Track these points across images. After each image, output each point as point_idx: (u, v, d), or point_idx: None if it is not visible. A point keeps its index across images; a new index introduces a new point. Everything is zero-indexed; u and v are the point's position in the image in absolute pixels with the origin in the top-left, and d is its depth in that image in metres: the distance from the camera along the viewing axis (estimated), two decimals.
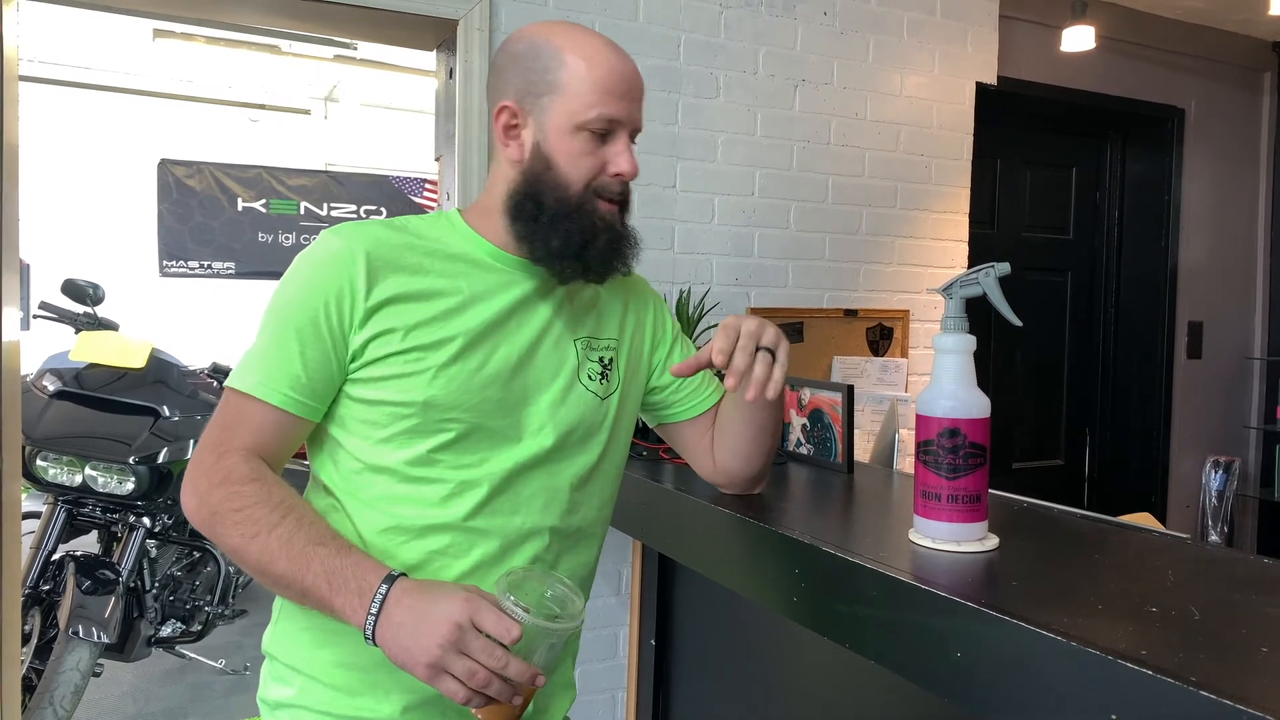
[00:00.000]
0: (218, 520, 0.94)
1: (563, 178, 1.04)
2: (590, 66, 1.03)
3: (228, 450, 0.97)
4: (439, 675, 0.85)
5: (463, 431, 1.01)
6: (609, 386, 1.14)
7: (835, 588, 1.12)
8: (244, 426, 0.99)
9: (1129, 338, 3.69)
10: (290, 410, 0.99)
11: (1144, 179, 3.64)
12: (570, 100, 1.03)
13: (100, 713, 3.04)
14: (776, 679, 1.73)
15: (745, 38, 2.56)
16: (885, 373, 2.77)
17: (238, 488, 0.94)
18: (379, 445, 1.01)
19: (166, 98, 6.48)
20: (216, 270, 6.17)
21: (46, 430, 2.84)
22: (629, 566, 2.38)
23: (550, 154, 1.04)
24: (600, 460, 1.14)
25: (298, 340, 0.99)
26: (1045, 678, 0.84)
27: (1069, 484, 3.68)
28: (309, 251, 1.02)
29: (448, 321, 1.02)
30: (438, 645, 0.84)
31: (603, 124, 1.04)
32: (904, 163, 2.82)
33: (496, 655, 0.85)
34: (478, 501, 1.02)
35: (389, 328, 1.00)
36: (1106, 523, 1.30)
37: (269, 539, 0.91)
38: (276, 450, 1.00)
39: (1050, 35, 3.13)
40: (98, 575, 2.74)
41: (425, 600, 0.87)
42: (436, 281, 1.03)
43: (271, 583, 0.94)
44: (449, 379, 1.00)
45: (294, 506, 0.94)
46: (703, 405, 1.28)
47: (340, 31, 2.46)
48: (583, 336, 1.13)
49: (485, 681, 0.85)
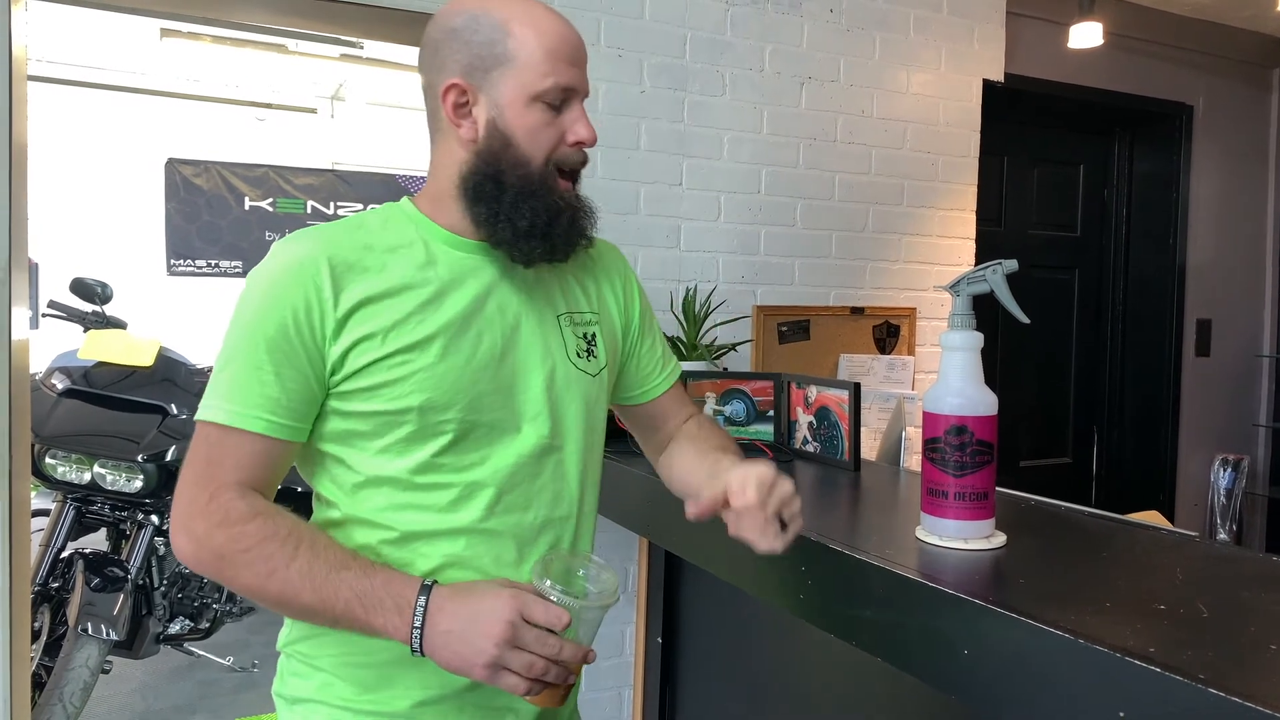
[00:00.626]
0: (225, 564, 0.91)
1: (523, 154, 0.99)
2: (539, 35, 0.99)
3: (219, 487, 0.92)
4: (498, 673, 0.87)
5: (461, 431, 0.99)
6: (597, 363, 1.11)
7: (842, 585, 1.12)
8: (229, 460, 0.93)
9: (1137, 335, 3.68)
10: (274, 435, 0.94)
11: (1152, 176, 3.63)
12: (523, 71, 0.98)
13: (110, 709, 3.06)
14: (783, 676, 1.73)
15: (752, 35, 2.56)
16: (892, 370, 2.76)
17: (240, 528, 0.90)
18: (377, 456, 0.98)
19: (174, 97, 6.50)
20: (224, 269, 6.19)
21: (55, 428, 2.86)
22: (635, 564, 2.38)
23: (508, 129, 0.99)
24: (599, 441, 1.13)
25: (271, 362, 0.93)
26: (1053, 675, 0.83)
27: (1076, 482, 3.67)
28: (265, 265, 0.96)
29: (424, 317, 0.97)
30: (494, 645, 0.86)
31: (558, 93, 0.99)
32: (911, 160, 2.81)
33: (551, 643, 0.87)
34: (488, 502, 1.00)
35: (366, 334, 0.95)
36: (1114, 520, 1.30)
37: (288, 574, 0.89)
38: (266, 478, 0.96)
39: (1058, 32, 3.12)
40: (107, 573, 2.75)
41: (469, 603, 0.88)
42: (403, 276, 0.98)
43: (296, 614, 0.93)
44: (440, 378, 0.97)
45: (304, 536, 0.92)
46: (661, 387, 1.24)
47: (346, 30, 2.46)
48: (563, 313, 1.09)
49: (544, 670, 0.87)
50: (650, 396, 1.23)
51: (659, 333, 1.26)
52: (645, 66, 2.43)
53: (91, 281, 3.29)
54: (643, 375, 1.22)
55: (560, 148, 1.01)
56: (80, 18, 5.23)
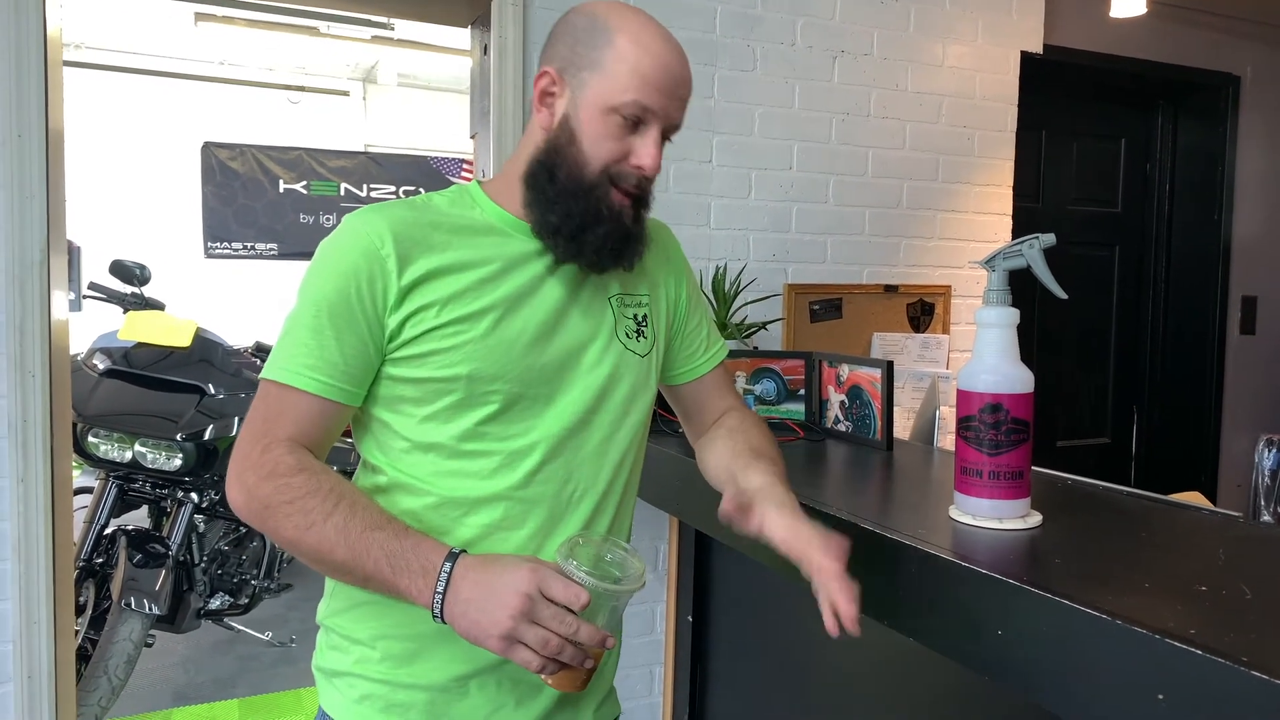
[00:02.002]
0: (270, 514, 0.94)
1: (582, 155, 1.02)
2: (637, 52, 1.01)
3: (272, 442, 0.96)
4: (512, 646, 0.87)
5: (506, 401, 1.01)
6: (647, 343, 1.14)
7: (873, 564, 1.11)
8: (286, 417, 0.98)
9: (1179, 313, 3.59)
10: (331, 397, 0.98)
11: (1197, 149, 3.53)
12: (608, 80, 1.01)
13: (153, 682, 3.13)
14: (813, 655, 1.72)
15: (783, 9, 2.52)
16: (926, 349, 2.72)
17: (287, 479, 0.94)
18: (424, 422, 1.01)
19: (208, 81, 6.57)
20: (259, 251, 6.27)
21: (97, 408, 2.91)
22: (666, 543, 2.38)
23: (576, 129, 1.02)
24: (645, 420, 1.14)
25: (333, 326, 0.98)
26: (1090, 657, 0.82)
27: (1116, 462, 3.61)
28: (334, 237, 1.01)
29: (482, 292, 1.01)
30: (509, 617, 0.86)
31: (635, 110, 1.01)
32: (946, 135, 2.76)
33: (567, 621, 0.86)
34: (529, 470, 1.03)
35: (424, 304, 0.99)
36: (1153, 500, 1.27)
37: (325, 528, 0.91)
38: (320, 438, 1.00)
39: (1099, 1, 3.03)
40: (148, 549, 2.81)
41: (491, 574, 0.88)
42: (466, 254, 1.02)
43: (330, 570, 0.95)
44: (489, 350, 1.00)
45: (345, 493, 0.94)
46: (704, 367, 1.25)
47: (376, 9, 2.46)
48: (615, 294, 1.11)
49: (559, 648, 0.86)
50: (693, 376, 1.24)
51: (706, 313, 1.27)
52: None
53: (131, 264, 3.34)
54: (687, 354, 1.23)
55: (621, 163, 1.03)
56: (117, 4, 5.29)
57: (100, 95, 6.30)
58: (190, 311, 3.61)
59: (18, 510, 1.90)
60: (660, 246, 1.20)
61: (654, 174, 1.04)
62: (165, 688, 3.12)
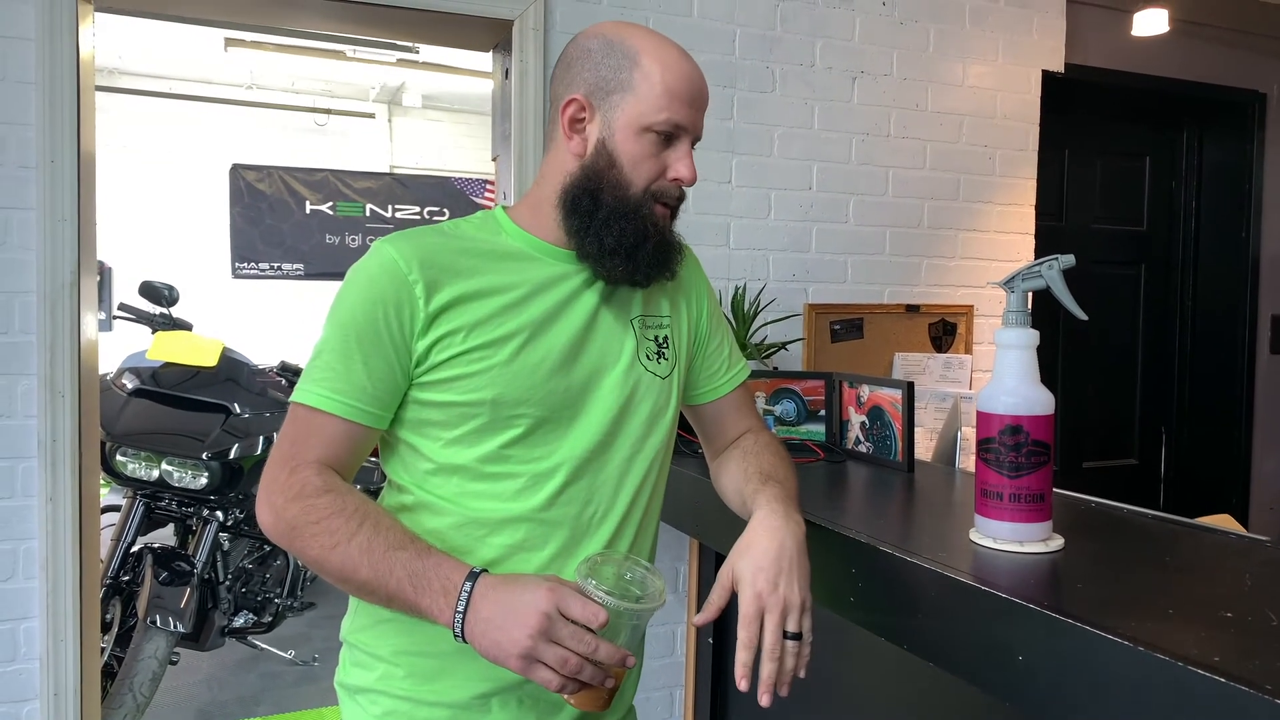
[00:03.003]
0: (296, 534, 0.96)
1: (625, 177, 1.04)
2: (664, 71, 1.04)
3: (300, 464, 0.98)
4: (532, 665, 0.87)
5: (531, 425, 1.03)
6: (668, 365, 1.15)
7: (893, 588, 1.10)
8: (314, 440, 1.00)
9: (1207, 332, 3.55)
10: (358, 421, 1.00)
11: (1223, 167, 3.50)
12: (641, 101, 1.03)
13: (177, 700, 3.15)
14: (834, 678, 1.71)
15: (802, 30, 2.54)
16: (948, 369, 2.71)
17: (313, 500, 0.95)
18: (450, 445, 1.03)
19: (237, 105, 6.68)
20: (286, 271, 6.34)
21: (125, 426, 2.95)
22: (686, 564, 2.37)
23: (614, 152, 1.04)
24: (667, 442, 1.15)
25: (360, 351, 0.99)
26: (1112, 684, 0.81)
27: (1144, 484, 3.56)
28: (364, 263, 1.03)
29: (508, 317, 1.02)
30: (528, 636, 0.86)
31: (669, 128, 1.04)
32: (967, 154, 2.76)
33: (586, 640, 0.87)
34: (552, 492, 1.04)
35: (452, 329, 1.00)
36: (1179, 524, 1.25)
37: (349, 548, 0.93)
38: (347, 460, 1.02)
39: (1121, 19, 3.03)
40: (174, 567, 2.84)
41: (510, 593, 0.89)
42: (493, 280, 1.04)
43: (355, 590, 0.96)
44: (514, 374, 1.01)
45: (369, 514, 0.95)
46: (725, 387, 1.25)
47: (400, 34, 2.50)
48: (637, 316, 1.13)
49: (578, 667, 0.87)
50: (714, 396, 1.25)
51: (727, 334, 1.28)
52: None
53: (159, 284, 3.39)
54: (708, 374, 1.24)
55: (660, 180, 1.06)
56: (151, 31, 5.41)
57: (131, 119, 6.42)
58: (217, 331, 3.65)
59: (46, 529, 1.93)
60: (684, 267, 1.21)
61: (692, 184, 1.07)
62: (189, 705, 3.13)
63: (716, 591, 0.99)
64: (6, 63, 1.89)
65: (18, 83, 1.90)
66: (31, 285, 1.92)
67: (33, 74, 1.90)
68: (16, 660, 1.94)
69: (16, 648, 1.94)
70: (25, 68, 1.90)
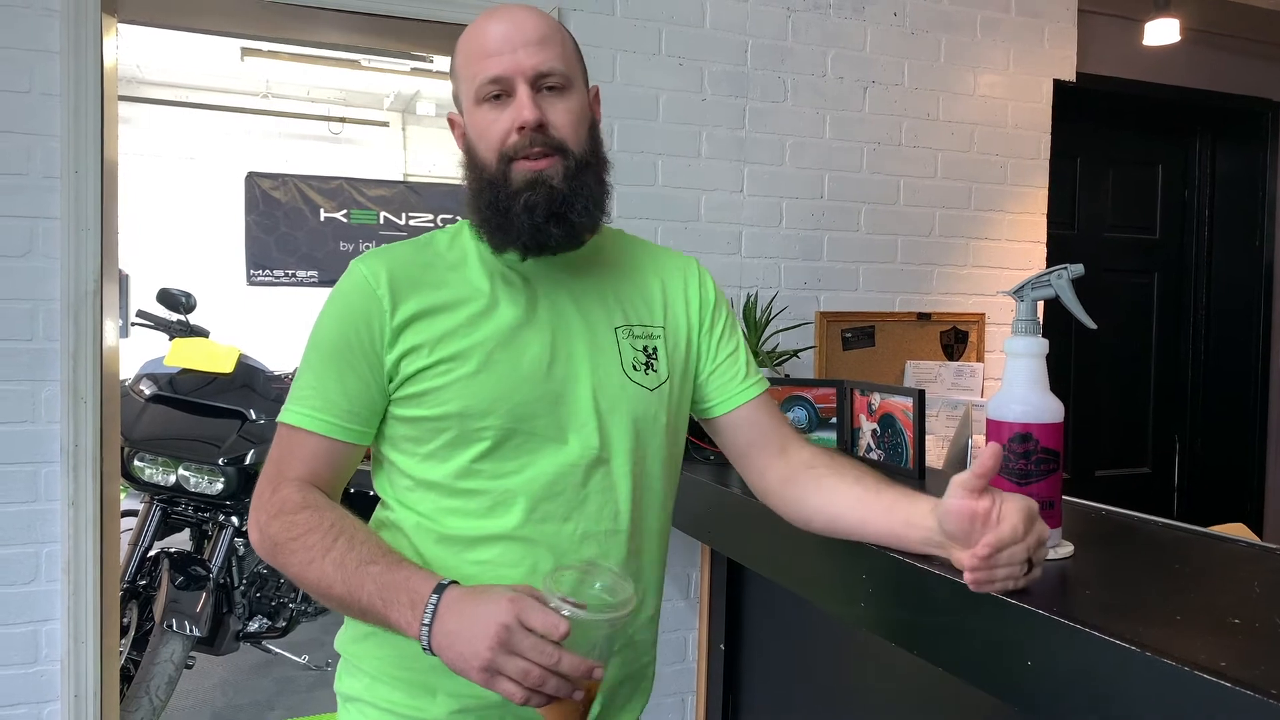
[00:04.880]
0: (278, 551, 0.97)
1: (480, 158, 1.02)
2: (468, 39, 1.02)
3: (282, 482, 1.00)
4: (494, 678, 0.84)
5: (499, 438, 1.00)
6: (657, 376, 1.09)
7: (903, 593, 1.11)
8: (295, 458, 1.01)
9: (1221, 340, 3.54)
10: (336, 437, 1.01)
11: (1235, 175, 3.49)
12: (464, 83, 1.02)
13: (193, 703, 3.18)
14: (845, 684, 1.72)
15: (814, 41, 2.55)
16: (960, 377, 2.71)
17: (291, 517, 0.96)
18: (424, 461, 1.03)
19: (253, 114, 6.75)
20: (300, 279, 6.39)
21: (143, 432, 2.99)
22: (698, 570, 2.38)
23: (470, 139, 1.04)
24: (659, 456, 1.10)
25: (335, 368, 1.01)
26: (1119, 689, 0.82)
27: (1157, 493, 3.55)
28: (339, 283, 1.04)
29: (474, 328, 1.01)
30: (488, 648, 0.83)
31: (490, 86, 0.99)
32: (978, 163, 2.77)
33: (547, 652, 0.83)
34: (524, 510, 1.01)
35: (417, 343, 1.00)
36: (1189, 531, 1.26)
37: (324, 564, 0.93)
38: (329, 477, 1.02)
39: (1132, 29, 3.03)
40: (190, 571, 2.87)
41: (473, 605, 0.86)
42: (459, 291, 1.03)
43: (333, 604, 0.96)
44: (479, 386, 1.00)
45: (345, 529, 0.95)
46: (740, 398, 1.16)
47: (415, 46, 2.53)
48: (620, 325, 1.08)
49: (540, 680, 0.83)
50: (729, 408, 1.16)
51: (742, 343, 1.21)
52: (706, 74, 2.44)
53: (176, 292, 3.43)
54: (720, 384, 1.16)
55: (509, 138, 0.99)
56: (169, 41, 5.47)
57: (148, 127, 6.49)
58: (233, 338, 3.69)
59: (68, 533, 1.96)
60: (679, 273, 1.17)
61: (533, 119, 0.98)
62: (205, 709, 3.16)
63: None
64: (33, 75, 1.93)
65: (43, 94, 1.94)
66: (55, 293, 1.95)
67: (58, 86, 1.94)
68: (39, 662, 1.97)
69: (39, 649, 1.97)
70: (51, 80, 1.94)
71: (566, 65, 1.02)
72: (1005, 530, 0.88)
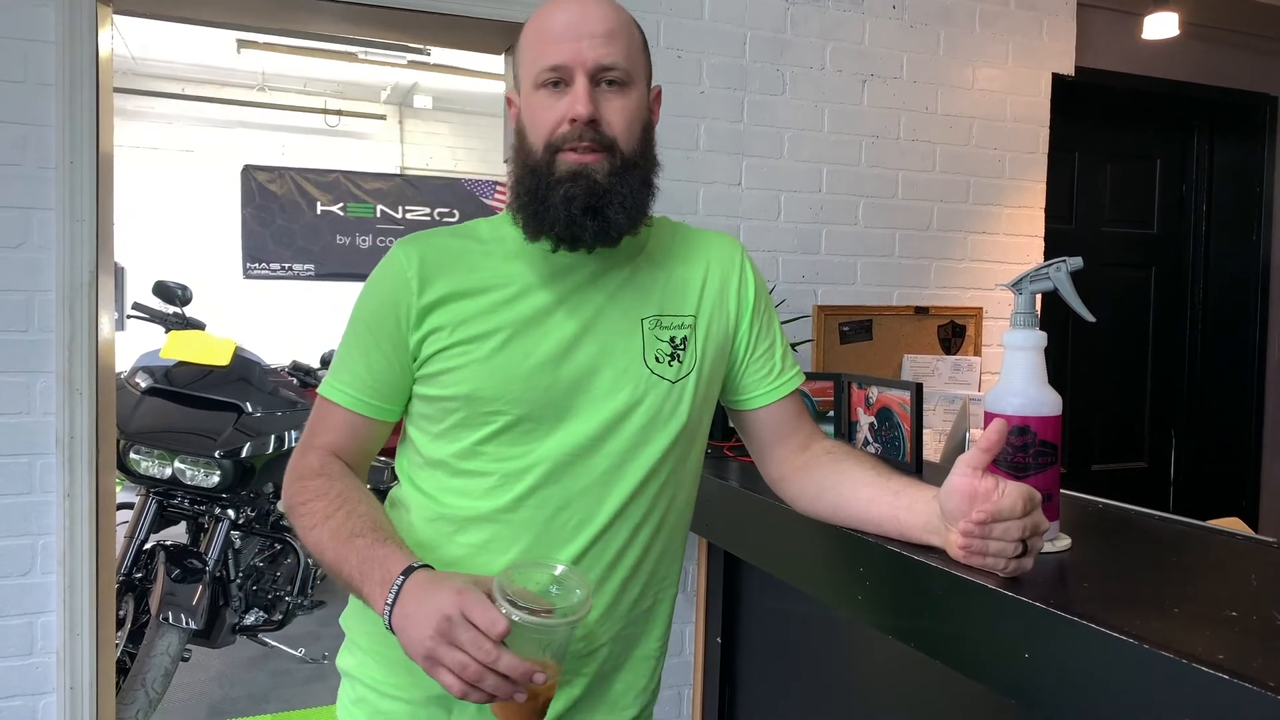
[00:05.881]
0: (292, 512, 1.02)
1: (529, 143, 1.01)
2: (536, 21, 1.02)
3: (309, 449, 1.05)
4: (435, 667, 0.84)
5: (509, 423, 1.01)
6: (681, 368, 1.06)
7: (900, 587, 1.11)
8: (323, 427, 1.06)
9: (1218, 335, 3.54)
10: (358, 411, 1.05)
11: (1234, 170, 3.49)
12: (525, 65, 1.02)
13: (189, 696, 3.18)
14: (843, 677, 1.72)
15: (812, 33, 2.55)
16: (958, 371, 2.71)
17: (306, 482, 1.01)
18: (435, 440, 1.05)
19: (249, 106, 6.72)
20: (297, 272, 6.37)
21: (139, 425, 2.98)
22: (695, 563, 2.38)
23: (523, 123, 1.04)
24: (674, 450, 1.07)
25: (361, 346, 1.05)
26: (1117, 681, 0.82)
27: (1153, 487, 3.56)
28: (380, 263, 1.08)
29: (495, 314, 1.02)
30: (429, 636, 0.83)
31: (549, 74, 0.98)
32: (976, 157, 2.76)
33: (485, 649, 0.81)
34: (520, 493, 1.01)
35: (440, 325, 1.02)
36: (1186, 525, 1.26)
37: (322, 530, 0.97)
38: (354, 448, 1.06)
39: (1131, 23, 3.03)
40: (186, 564, 2.86)
41: (428, 591, 0.86)
42: (491, 277, 1.04)
43: (326, 570, 0.98)
44: (491, 370, 1.01)
45: (349, 499, 0.98)
46: (773, 394, 1.15)
47: (413, 37, 2.52)
48: (650, 315, 1.06)
49: (478, 675, 0.81)
50: (760, 403, 1.15)
51: (780, 336, 1.19)
52: (705, 67, 2.43)
53: (173, 284, 3.42)
54: (754, 379, 1.15)
55: (559, 128, 0.99)
56: (164, 32, 5.45)
57: (143, 119, 6.47)
58: (229, 331, 3.68)
59: (64, 525, 1.96)
60: (720, 261, 1.14)
61: (585, 114, 0.97)
62: (201, 702, 3.16)
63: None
64: (28, 65, 1.92)
65: (39, 84, 1.92)
66: (50, 284, 1.94)
67: (53, 76, 1.93)
68: (34, 654, 1.96)
69: (34, 641, 1.97)
70: (46, 70, 1.93)
71: (629, 62, 1.01)
72: (1005, 503, 0.90)
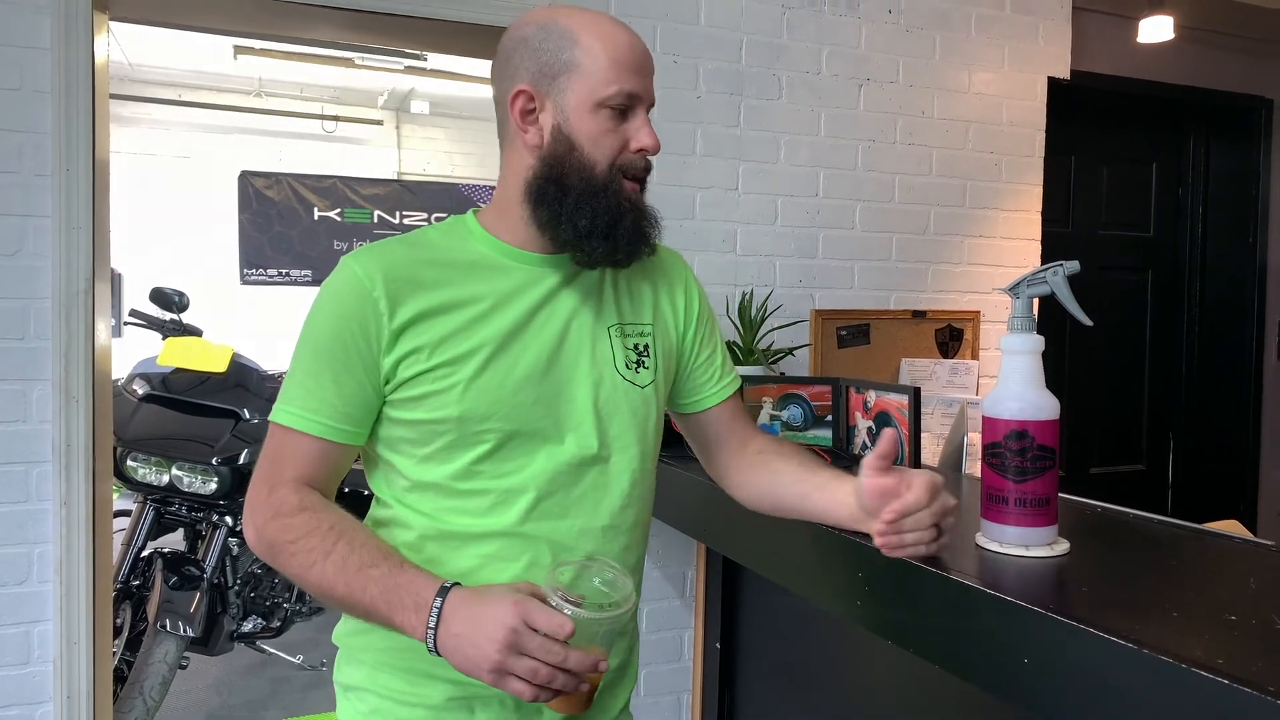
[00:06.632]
0: (276, 552, 0.98)
1: (587, 158, 1.01)
2: (605, 43, 1.01)
3: (278, 484, 1.00)
4: (504, 678, 0.86)
5: (500, 440, 1.01)
6: (648, 374, 1.11)
7: (900, 592, 1.11)
8: (290, 459, 1.01)
9: (1215, 338, 3.55)
10: (331, 439, 1.01)
11: (1230, 173, 3.50)
12: (589, 78, 1.00)
13: (187, 704, 3.16)
14: (842, 683, 1.71)
15: (808, 38, 2.55)
16: (955, 375, 2.71)
17: (289, 520, 0.97)
18: (423, 463, 1.03)
19: (246, 111, 6.73)
20: (294, 278, 6.37)
21: (136, 432, 2.97)
22: (693, 569, 2.38)
23: (572, 134, 1.01)
24: (650, 451, 1.12)
25: (330, 369, 1.00)
26: (1116, 686, 0.82)
27: (1151, 490, 3.56)
28: (331, 280, 1.03)
29: (473, 331, 1.01)
30: (496, 650, 0.85)
31: (622, 99, 1.01)
32: (973, 161, 2.77)
33: (554, 651, 0.86)
34: (524, 508, 1.02)
35: (416, 346, 1.00)
36: (1184, 528, 1.26)
37: (325, 566, 0.94)
38: (324, 477, 1.03)
39: (1127, 26, 3.04)
40: (184, 571, 2.85)
41: (479, 607, 0.88)
42: (459, 292, 1.02)
43: (335, 605, 0.97)
44: (480, 390, 1.00)
45: (344, 531, 0.96)
46: (719, 395, 1.21)
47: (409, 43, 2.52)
48: (614, 324, 1.10)
49: (549, 677, 0.86)
50: (703, 406, 1.21)
51: (720, 343, 1.25)
52: (701, 72, 2.44)
53: (170, 291, 3.41)
54: (697, 384, 1.21)
55: (624, 154, 1.03)
56: (160, 38, 5.45)
57: (140, 125, 6.47)
58: (227, 337, 3.67)
59: (60, 533, 1.95)
60: (666, 273, 1.19)
61: (656, 151, 1.04)
62: (198, 710, 3.15)
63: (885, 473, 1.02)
64: (24, 72, 1.92)
65: (34, 91, 1.92)
66: (46, 292, 1.94)
67: (49, 82, 1.93)
68: (31, 663, 1.96)
69: (31, 650, 1.96)
70: (42, 77, 1.92)
71: None
72: (910, 499, 0.98)
